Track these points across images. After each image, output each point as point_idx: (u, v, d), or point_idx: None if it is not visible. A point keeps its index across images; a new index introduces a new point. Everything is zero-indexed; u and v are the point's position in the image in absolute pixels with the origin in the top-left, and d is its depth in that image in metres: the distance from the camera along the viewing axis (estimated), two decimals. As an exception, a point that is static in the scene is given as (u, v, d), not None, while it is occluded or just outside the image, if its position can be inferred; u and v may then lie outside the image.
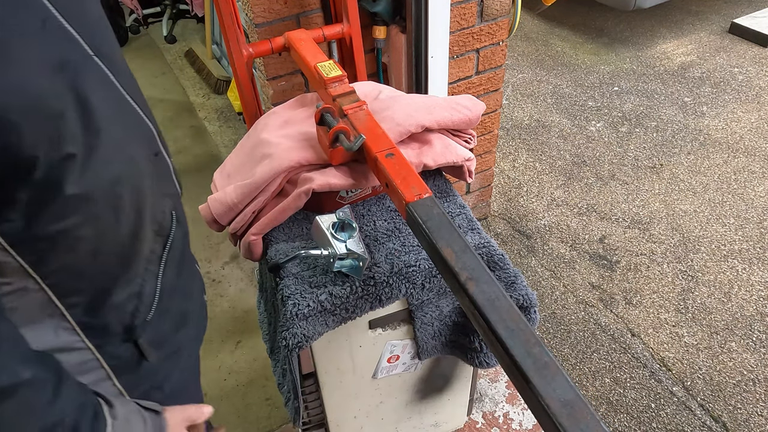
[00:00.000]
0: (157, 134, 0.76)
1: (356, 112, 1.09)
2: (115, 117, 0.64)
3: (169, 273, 0.79)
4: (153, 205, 0.73)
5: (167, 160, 0.80)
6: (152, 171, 0.73)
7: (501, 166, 2.67)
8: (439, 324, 1.15)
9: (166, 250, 0.78)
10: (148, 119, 0.74)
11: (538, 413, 0.63)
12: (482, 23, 1.78)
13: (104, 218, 0.65)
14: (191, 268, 0.91)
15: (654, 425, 1.71)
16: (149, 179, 0.71)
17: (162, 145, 0.78)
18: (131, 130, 0.69)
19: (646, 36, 3.59)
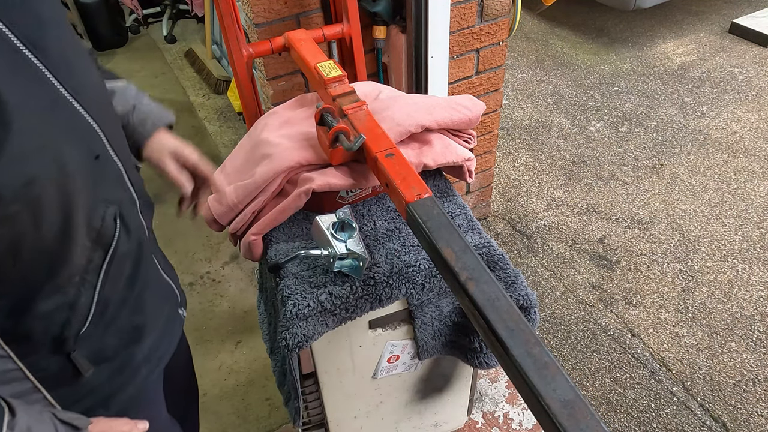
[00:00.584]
0: (105, 136, 0.71)
1: (356, 112, 1.09)
2: (39, 114, 0.61)
3: (112, 284, 0.74)
4: (88, 211, 0.68)
5: (116, 164, 0.74)
6: (88, 174, 0.67)
7: (501, 166, 2.67)
8: (439, 324, 1.15)
9: (108, 260, 0.72)
10: (94, 120, 0.69)
11: (538, 413, 0.63)
12: (482, 23, 1.78)
13: (19, 220, 0.60)
14: (154, 280, 0.86)
15: (654, 425, 1.71)
16: (82, 183, 0.66)
17: (112, 148, 0.72)
18: (62, 130, 0.64)
19: (646, 36, 3.59)
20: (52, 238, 0.65)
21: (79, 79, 0.68)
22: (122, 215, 0.73)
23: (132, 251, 0.77)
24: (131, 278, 0.78)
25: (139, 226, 0.79)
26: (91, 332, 0.73)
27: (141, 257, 0.80)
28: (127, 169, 0.77)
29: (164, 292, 0.89)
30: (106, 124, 0.72)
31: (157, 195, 2.61)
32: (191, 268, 2.29)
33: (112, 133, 0.74)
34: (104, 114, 0.73)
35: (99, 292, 0.72)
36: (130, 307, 0.79)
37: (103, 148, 0.70)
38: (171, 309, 0.92)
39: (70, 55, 0.68)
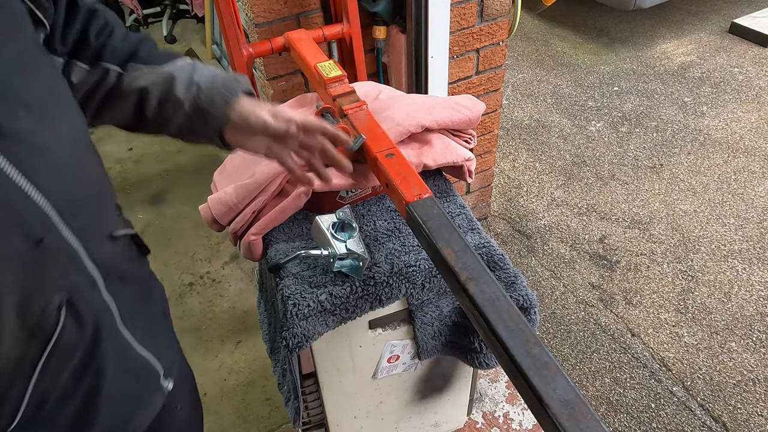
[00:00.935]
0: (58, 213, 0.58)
1: (356, 112, 1.09)
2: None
3: (53, 378, 0.64)
4: (20, 303, 0.57)
5: (70, 244, 0.61)
6: (22, 264, 0.56)
7: (501, 166, 2.67)
8: (439, 324, 1.15)
9: (47, 354, 0.61)
10: (46, 196, 0.57)
11: (538, 413, 0.63)
12: (482, 23, 1.78)
13: None
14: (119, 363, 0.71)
15: (654, 425, 1.71)
16: (12, 275, 0.56)
17: (68, 225, 0.60)
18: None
19: (646, 36, 3.59)
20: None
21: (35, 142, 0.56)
22: (72, 302, 0.62)
23: (84, 340, 0.65)
24: (80, 370, 0.66)
25: (101, 308, 0.67)
26: (23, 427, 0.63)
27: (98, 344, 0.67)
28: (89, 247, 0.63)
29: (135, 373, 0.75)
30: (65, 196, 0.59)
31: (157, 195, 2.61)
32: (191, 268, 2.29)
33: (74, 205, 0.61)
34: (67, 182, 0.60)
35: (33, 387, 0.62)
36: (76, 402, 0.68)
37: (50, 230, 0.58)
38: (146, 387, 0.78)
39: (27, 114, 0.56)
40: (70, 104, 0.66)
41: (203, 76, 0.79)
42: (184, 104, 0.77)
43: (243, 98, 0.80)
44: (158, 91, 0.77)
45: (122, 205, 0.80)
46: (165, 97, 0.77)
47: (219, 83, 0.79)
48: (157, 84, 0.77)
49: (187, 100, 0.77)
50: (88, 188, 0.66)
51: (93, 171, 0.68)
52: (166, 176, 2.72)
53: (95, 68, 0.75)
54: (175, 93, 0.77)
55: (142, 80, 0.77)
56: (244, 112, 0.80)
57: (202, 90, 0.78)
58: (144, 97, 0.77)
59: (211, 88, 0.78)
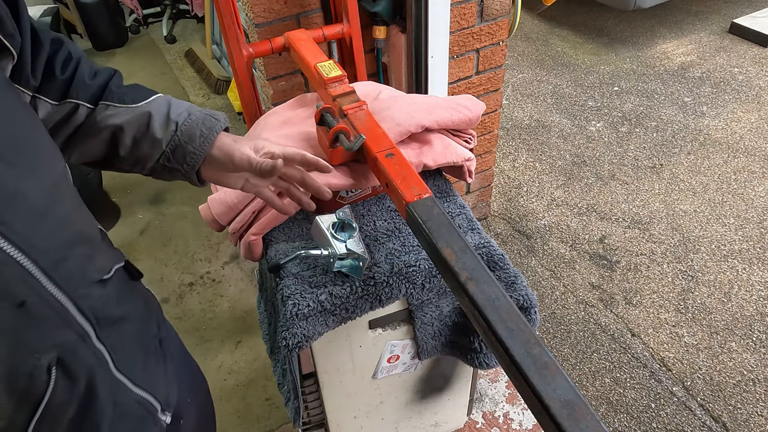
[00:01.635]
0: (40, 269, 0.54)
1: (356, 112, 1.09)
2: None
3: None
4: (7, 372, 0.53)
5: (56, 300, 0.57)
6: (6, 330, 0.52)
7: (501, 166, 2.67)
8: (439, 324, 1.15)
9: (37, 418, 0.57)
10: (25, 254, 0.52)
11: (538, 413, 0.63)
12: (482, 23, 1.78)
13: None
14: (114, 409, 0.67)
15: (654, 425, 1.71)
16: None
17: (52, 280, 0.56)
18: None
19: (646, 36, 3.59)
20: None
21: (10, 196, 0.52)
22: (62, 360, 0.58)
23: (77, 395, 0.61)
24: (76, 422, 0.62)
25: (92, 361, 0.63)
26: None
27: (94, 395, 0.63)
28: (76, 299, 0.59)
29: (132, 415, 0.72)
30: (46, 248, 0.55)
31: (157, 195, 2.61)
32: (191, 268, 2.29)
33: (57, 256, 0.57)
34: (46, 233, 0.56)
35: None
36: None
37: (33, 289, 0.54)
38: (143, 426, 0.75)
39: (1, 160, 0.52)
40: (46, 145, 0.61)
41: (180, 114, 0.77)
42: (161, 142, 0.76)
43: (223, 135, 0.79)
44: (134, 129, 0.74)
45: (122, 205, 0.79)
46: (141, 136, 0.75)
47: (197, 119, 0.78)
48: (131, 123, 0.74)
49: (165, 139, 0.76)
50: (70, 235, 0.61)
51: (73, 214, 0.63)
52: (166, 176, 2.72)
53: (62, 104, 0.71)
54: (152, 131, 0.75)
55: (116, 119, 0.74)
56: (226, 148, 0.78)
57: (180, 128, 0.76)
58: (117, 135, 0.74)
59: (189, 125, 0.77)
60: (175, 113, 0.77)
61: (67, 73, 0.72)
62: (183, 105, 0.79)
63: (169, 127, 0.76)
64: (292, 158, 0.83)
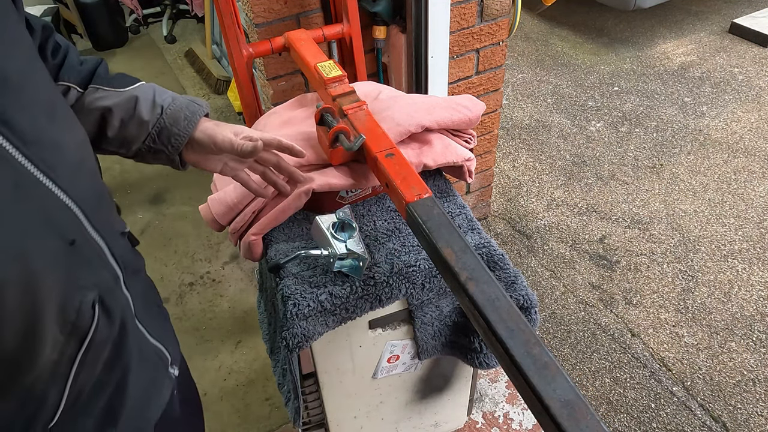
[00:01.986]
0: (83, 214, 0.61)
1: (356, 112, 1.09)
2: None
3: (88, 373, 0.66)
4: (60, 305, 0.58)
5: (97, 243, 0.64)
6: (60, 265, 0.58)
7: (501, 166, 2.67)
8: (439, 324, 1.15)
9: (84, 351, 0.63)
10: (71, 197, 0.59)
11: (538, 413, 0.63)
12: (482, 23, 1.78)
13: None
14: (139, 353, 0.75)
15: (654, 425, 1.71)
16: (52, 277, 0.56)
17: (92, 224, 0.62)
18: (27, 220, 0.54)
19: (646, 36, 3.59)
20: (15, 345, 0.56)
21: (53, 146, 0.58)
22: (102, 299, 0.65)
23: (113, 334, 0.68)
24: (111, 361, 0.69)
25: (124, 303, 0.71)
26: (62, 422, 0.66)
27: (125, 336, 0.71)
28: (110, 244, 0.66)
29: (151, 363, 0.80)
30: (85, 196, 0.62)
31: (157, 195, 2.61)
32: (191, 268, 2.29)
33: (94, 205, 0.64)
34: (84, 182, 0.63)
35: (71, 384, 0.64)
36: (108, 391, 0.71)
37: (80, 230, 0.61)
38: (159, 376, 0.82)
39: (44, 115, 0.58)
40: (67, 106, 0.68)
41: (164, 99, 0.83)
42: (148, 124, 0.80)
43: (204, 119, 0.85)
44: (122, 111, 0.79)
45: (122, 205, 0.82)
46: (128, 117, 0.79)
47: (181, 105, 0.83)
48: (120, 105, 0.79)
49: (151, 121, 0.80)
50: (99, 188, 0.69)
51: (97, 171, 0.71)
52: (166, 176, 2.72)
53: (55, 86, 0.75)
54: (140, 113, 0.80)
55: (105, 101, 0.78)
56: (209, 131, 0.83)
57: (165, 111, 0.81)
58: (106, 116, 0.79)
59: (174, 109, 0.82)
60: (160, 98, 0.82)
61: (57, 58, 0.77)
62: (167, 92, 0.85)
63: (155, 110, 0.81)
64: (269, 143, 0.87)
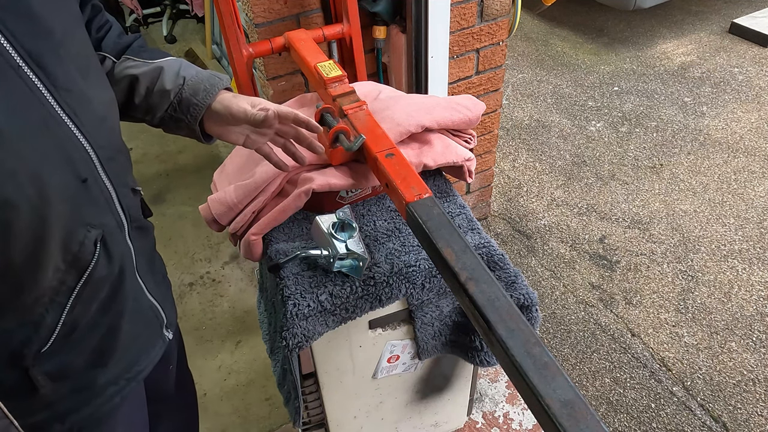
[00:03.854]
0: (98, 159, 0.69)
1: (356, 112, 1.09)
2: (24, 136, 0.58)
3: (83, 308, 0.72)
4: (65, 234, 0.65)
5: (107, 187, 0.71)
6: (70, 198, 0.65)
7: (501, 166, 2.67)
8: (439, 324, 1.15)
9: (82, 283, 0.69)
10: (89, 142, 0.67)
11: (538, 413, 0.63)
12: (482, 23, 1.78)
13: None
14: (135, 305, 0.81)
15: (654, 425, 1.71)
16: (62, 207, 0.63)
17: (104, 170, 0.70)
18: (48, 153, 0.62)
19: (646, 36, 3.59)
20: (21, 260, 0.62)
21: (81, 97, 0.66)
22: (105, 240, 0.71)
23: (112, 276, 0.74)
24: (106, 303, 0.75)
25: (125, 251, 0.76)
26: (53, 351, 0.71)
27: (122, 282, 0.76)
28: (119, 193, 0.74)
29: (146, 317, 0.85)
30: (103, 145, 0.69)
31: (157, 195, 2.61)
32: (191, 268, 2.29)
33: (109, 155, 0.71)
34: (103, 134, 0.70)
35: (67, 314, 0.70)
36: (101, 332, 0.76)
37: (92, 172, 0.68)
38: (152, 332, 0.88)
39: (77, 70, 0.66)
40: (101, 69, 0.77)
41: (188, 71, 0.88)
42: (170, 93, 0.85)
43: (223, 92, 0.89)
44: (147, 79, 0.85)
45: None
46: (153, 86, 0.85)
47: (203, 77, 0.88)
48: (146, 74, 0.85)
49: (173, 90, 0.85)
50: (118, 143, 0.76)
51: (118, 130, 0.78)
52: (166, 176, 2.73)
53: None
54: (163, 83, 0.85)
55: (134, 70, 0.85)
56: (226, 102, 0.87)
57: (187, 82, 0.86)
58: (134, 84, 0.85)
59: (195, 81, 0.87)
60: (184, 71, 0.88)
61: (101, 33, 0.86)
62: (193, 67, 0.90)
63: (177, 81, 0.86)
64: (285, 115, 0.90)
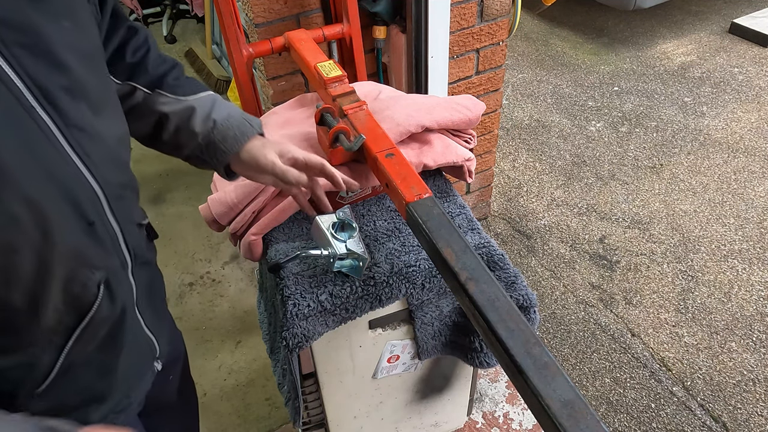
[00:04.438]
0: (106, 200, 0.66)
1: (356, 112, 1.09)
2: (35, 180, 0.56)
3: (82, 348, 0.69)
4: (67, 277, 0.63)
5: (113, 228, 0.69)
6: (75, 242, 0.63)
7: (501, 166, 2.67)
8: (439, 324, 1.15)
9: (82, 325, 0.68)
10: (98, 183, 0.64)
11: (538, 413, 0.63)
12: (482, 23, 1.78)
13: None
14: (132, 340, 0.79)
15: (654, 425, 1.71)
16: (66, 251, 0.62)
17: (112, 211, 0.68)
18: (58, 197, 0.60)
19: (646, 36, 3.59)
20: (20, 302, 0.61)
21: (93, 135, 0.64)
22: (108, 282, 0.69)
23: (113, 317, 0.72)
24: (105, 341, 0.73)
25: (127, 289, 0.75)
26: (48, 391, 0.69)
27: (123, 321, 0.75)
28: (125, 232, 0.72)
29: (141, 351, 0.84)
30: (111, 183, 0.67)
31: (157, 195, 2.61)
32: (191, 268, 2.29)
33: (117, 193, 0.69)
34: (113, 171, 0.68)
35: (65, 355, 0.68)
36: (97, 371, 0.75)
37: (99, 213, 0.66)
38: (145, 365, 0.86)
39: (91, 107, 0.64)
40: (117, 104, 0.73)
41: (220, 113, 0.86)
42: (198, 136, 0.84)
43: (253, 139, 0.87)
44: (177, 119, 0.84)
45: None
46: (182, 126, 0.84)
47: (233, 123, 0.86)
48: (177, 113, 0.84)
49: (202, 133, 0.84)
50: (126, 179, 0.74)
51: (128, 166, 0.76)
52: (166, 176, 2.72)
53: (124, 84, 0.82)
54: (192, 125, 0.84)
55: (165, 107, 0.83)
56: (254, 152, 0.86)
57: (217, 126, 0.85)
58: (163, 121, 0.84)
59: (225, 126, 0.85)
60: (216, 112, 0.86)
61: (136, 57, 0.82)
62: (226, 107, 0.88)
63: (207, 123, 0.85)
64: (313, 166, 0.90)
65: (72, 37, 0.61)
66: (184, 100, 0.84)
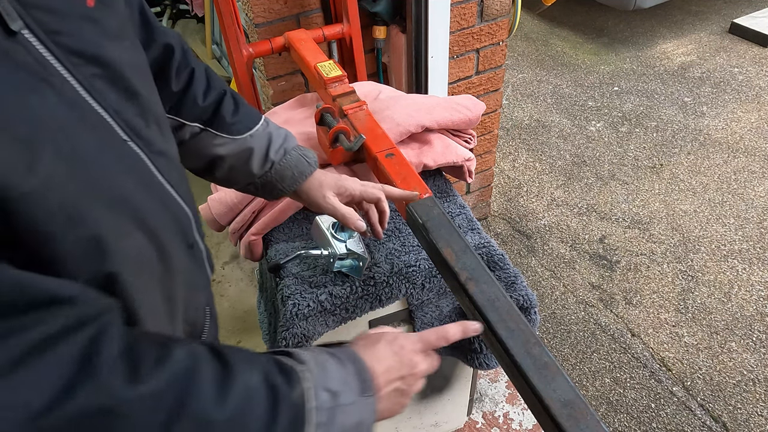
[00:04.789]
0: (194, 221, 0.65)
1: (356, 112, 1.09)
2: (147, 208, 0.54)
3: None
4: (186, 303, 0.63)
5: (201, 248, 0.68)
6: (186, 267, 0.62)
7: (501, 166, 2.67)
8: (439, 324, 1.15)
9: None
10: (188, 206, 0.63)
11: (538, 413, 0.63)
12: (482, 23, 1.78)
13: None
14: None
15: (654, 425, 1.71)
16: (182, 276, 0.60)
17: (198, 231, 0.67)
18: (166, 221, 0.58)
19: (646, 36, 3.59)
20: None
21: (169, 158, 0.61)
22: (209, 301, 0.69)
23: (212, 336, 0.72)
24: None
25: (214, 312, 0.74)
26: None
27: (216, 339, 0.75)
28: (206, 251, 0.71)
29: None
30: (190, 205, 0.65)
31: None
32: (191, 268, 2.29)
33: (196, 211, 0.67)
34: (188, 194, 0.66)
35: None
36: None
37: (194, 235, 0.65)
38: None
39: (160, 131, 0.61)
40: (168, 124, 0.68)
41: (277, 151, 0.83)
42: (255, 177, 0.83)
43: (311, 177, 0.86)
44: (233, 159, 0.81)
45: None
46: (238, 166, 0.81)
47: (291, 162, 0.84)
48: (233, 155, 0.80)
49: (259, 174, 0.83)
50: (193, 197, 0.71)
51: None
52: (166, 176, 2.72)
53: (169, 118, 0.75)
54: (251, 167, 0.82)
55: (220, 149, 0.79)
56: (312, 194, 0.86)
57: (275, 167, 0.83)
58: (217, 162, 0.81)
59: (282, 167, 0.84)
60: (273, 150, 0.83)
61: (181, 81, 0.75)
62: (280, 138, 0.84)
63: (265, 165, 0.83)
64: (369, 200, 0.90)
65: (130, 54, 0.57)
66: (240, 138, 0.80)
